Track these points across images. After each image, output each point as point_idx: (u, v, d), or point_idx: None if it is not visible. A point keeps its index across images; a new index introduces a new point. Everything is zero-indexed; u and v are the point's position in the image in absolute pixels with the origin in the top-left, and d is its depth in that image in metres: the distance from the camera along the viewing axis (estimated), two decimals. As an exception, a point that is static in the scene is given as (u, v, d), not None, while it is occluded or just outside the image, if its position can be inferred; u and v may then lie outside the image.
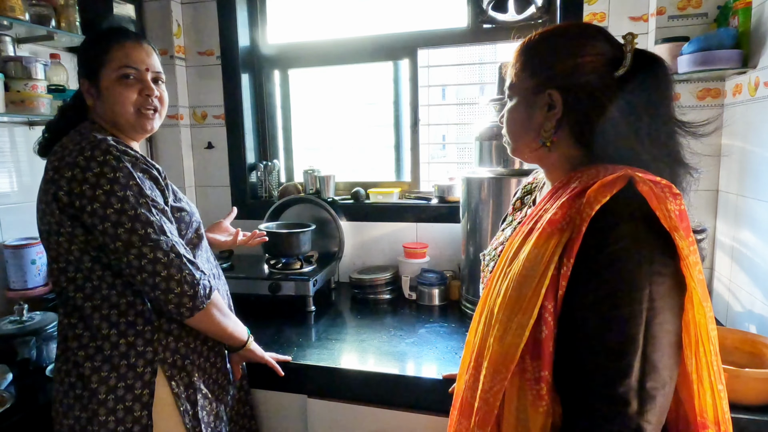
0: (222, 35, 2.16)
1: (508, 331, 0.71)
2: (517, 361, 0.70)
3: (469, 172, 1.69)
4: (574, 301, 0.69)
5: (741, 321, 1.45)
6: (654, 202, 0.66)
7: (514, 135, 0.85)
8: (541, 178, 0.98)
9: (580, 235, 0.67)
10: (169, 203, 1.07)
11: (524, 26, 1.92)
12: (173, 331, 1.10)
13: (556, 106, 0.77)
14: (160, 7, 2.12)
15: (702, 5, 1.56)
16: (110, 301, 1.04)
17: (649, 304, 0.65)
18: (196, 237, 1.15)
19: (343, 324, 1.71)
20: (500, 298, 0.75)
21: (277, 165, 2.30)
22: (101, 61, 1.07)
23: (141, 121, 1.11)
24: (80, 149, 0.99)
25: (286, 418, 1.43)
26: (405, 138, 2.19)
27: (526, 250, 0.74)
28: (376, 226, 2.11)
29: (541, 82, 0.78)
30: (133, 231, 0.97)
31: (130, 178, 0.99)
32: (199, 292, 1.02)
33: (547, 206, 0.76)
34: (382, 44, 2.12)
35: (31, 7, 1.55)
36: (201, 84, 2.23)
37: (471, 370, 0.80)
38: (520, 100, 0.82)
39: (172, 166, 2.24)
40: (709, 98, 1.61)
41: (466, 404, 0.81)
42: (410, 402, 1.29)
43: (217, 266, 1.27)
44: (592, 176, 0.72)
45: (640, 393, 0.65)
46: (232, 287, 1.78)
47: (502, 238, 0.95)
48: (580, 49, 0.76)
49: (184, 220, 1.10)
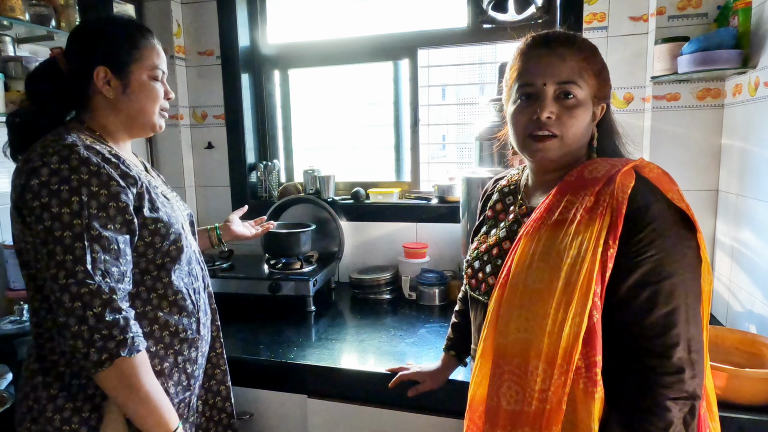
0: (222, 35, 2.16)
1: (563, 322, 0.72)
2: (580, 349, 0.72)
3: (469, 172, 1.69)
4: (620, 280, 0.74)
5: (741, 321, 1.45)
6: (666, 185, 0.76)
7: (577, 138, 0.84)
8: (516, 179, 0.99)
9: (621, 216, 0.73)
10: (144, 214, 0.99)
11: (524, 26, 1.92)
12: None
13: (597, 117, 0.86)
14: (160, 7, 2.12)
15: (702, 5, 1.56)
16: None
17: (684, 275, 0.73)
18: (175, 249, 1.05)
19: (343, 324, 1.71)
20: (540, 292, 0.75)
21: (277, 165, 2.30)
22: (134, 55, 1.03)
23: (160, 121, 1.11)
24: (42, 153, 0.91)
25: (286, 418, 1.43)
26: (405, 138, 2.19)
27: (566, 241, 0.76)
28: (376, 226, 2.11)
29: (605, 95, 0.86)
30: (51, 256, 0.88)
31: (73, 193, 0.89)
32: (107, 346, 0.87)
33: (568, 197, 0.80)
34: (382, 44, 2.12)
35: (31, 7, 1.55)
36: (201, 84, 2.23)
37: (507, 375, 0.77)
38: (587, 107, 0.84)
39: (172, 166, 2.24)
40: (709, 98, 1.61)
41: (501, 412, 0.78)
42: (410, 402, 1.28)
43: (204, 276, 1.19)
44: (609, 168, 0.79)
45: (690, 358, 0.71)
46: (233, 287, 1.80)
47: (494, 240, 0.94)
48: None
49: (160, 233, 1.02)
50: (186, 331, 1.08)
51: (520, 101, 0.85)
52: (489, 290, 0.89)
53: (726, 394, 1.08)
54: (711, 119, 1.61)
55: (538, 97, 0.82)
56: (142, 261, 1.01)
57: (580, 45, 0.83)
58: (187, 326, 1.08)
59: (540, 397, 0.73)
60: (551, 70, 0.81)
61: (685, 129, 1.63)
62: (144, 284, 1.02)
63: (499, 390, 0.78)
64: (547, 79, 0.81)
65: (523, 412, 0.75)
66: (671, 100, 1.63)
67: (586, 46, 0.84)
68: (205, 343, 1.15)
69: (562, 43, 0.82)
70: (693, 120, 1.62)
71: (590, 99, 0.83)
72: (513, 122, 0.87)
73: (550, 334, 0.73)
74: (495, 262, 0.91)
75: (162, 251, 1.03)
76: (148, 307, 1.02)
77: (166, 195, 1.11)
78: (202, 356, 1.15)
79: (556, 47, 0.82)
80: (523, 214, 0.92)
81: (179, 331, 1.06)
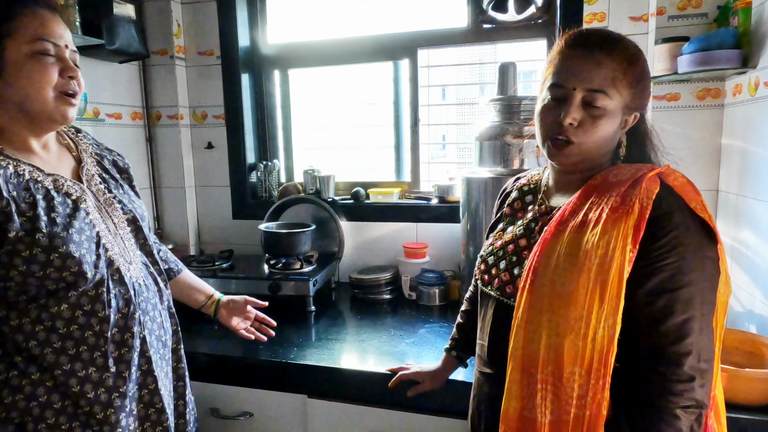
0: (222, 35, 2.16)
1: (597, 325, 0.72)
2: (614, 353, 0.72)
3: (469, 172, 1.69)
4: (636, 285, 0.73)
5: (741, 321, 1.45)
6: (690, 194, 0.76)
7: (597, 146, 0.83)
8: (537, 179, 0.99)
9: (644, 220, 0.73)
10: (11, 237, 0.83)
11: (524, 26, 1.92)
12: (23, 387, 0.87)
13: (627, 125, 0.85)
14: (160, 7, 2.12)
15: (702, 5, 1.56)
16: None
17: (702, 285, 0.73)
18: (71, 275, 0.88)
19: (343, 324, 1.71)
20: (568, 295, 0.74)
21: (277, 165, 2.30)
22: (5, 29, 0.85)
23: (61, 108, 0.90)
24: None
25: (285, 418, 1.43)
26: (405, 138, 2.19)
27: (592, 241, 0.75)
28: (376, 226, 2.11)
29: (639, 105, 0.84)
30: None
31: None
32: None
33: (593, 199, 0.80)
34: (382, 44, 2.12)
35: (31, 7, 1.55)
36: (201, 84, 2.23)
37: (540, 384, 0.76)
38: (615, 117, 0.82)
39: (172, 166, 2.24)
40: (709, 98, 1.60)
41: (538, 426, 0.76)
42: (410, 402, 1.28)
43: (133, 298, 0.98)
44: (634, 172, 0.79)
45: (700, 367, 0.71)
46: (233, 287, 1.80)
47: (510, 237, 0.94)
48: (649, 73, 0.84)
49: (37, 260, 0.85)
50: (85, 369, 0.91)
51: (548, 100, 0.84)
52: (502, 286, 0.90)
53: (726, 394, 1.08)
54: (711, 119, 1.61)
55: (566, 100, 0.80)
56: (31, 288, 0.87)
57: (622, 51, 0.79)
58: (88, 363, 0.91)
59: (578, 404, 0.72)
60: (583, 75, 0.79)
61: (685, 129, 1.63)
62: (28, 315, 0.88)
63: (534, 400, 0.76)
64: (577, 84, 0.79)
65: (562, 421, 0.73)
66: (671, 100, 1.63)
67: (628, 53, 0.80)
68: (122, 381, 0.95)
69: (601, 47, 0.79)
70: (693, 120, 1.62)
71: (621, 109, 0.81)
72: (539, 120, 0.86)
73: (585, 337, 0.72)
74: (510, 259, 0.91)
75: (49, 278, 0.87)
76: (32, 342, 0.88)
77: (80, 204, 0.94)
78: (120, 397, 0.95)
79: (595, 50, 0.79)
80: (542, 213, 0.92)
81: (75, 371, 0.90)
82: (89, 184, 1.01)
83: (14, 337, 0.88)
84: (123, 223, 1.05)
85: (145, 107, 2.20)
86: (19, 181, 0.87)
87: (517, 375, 0.79)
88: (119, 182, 1.11)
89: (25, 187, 0.87)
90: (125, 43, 1.90)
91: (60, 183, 0.94)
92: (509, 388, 0.80)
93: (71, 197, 0.94)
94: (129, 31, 1.93)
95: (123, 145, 2.08)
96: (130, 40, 1.93)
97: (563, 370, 0.73)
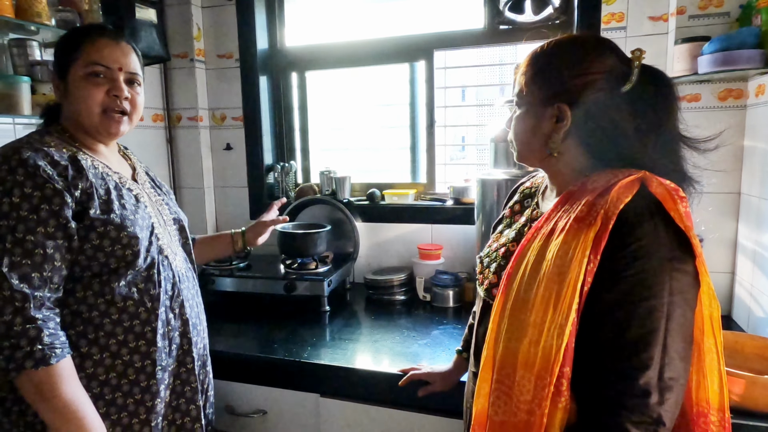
0: (240, 38, 2.20)
1: (548, 332, 0.71)
2: (561, 362, 0.70)
3: (484, 174, 1.69)
4: (597, 296, 0.71)
5: (763, 327, 1.41)
6: (669, 203, 0.71)
7: (522, 143, 0.88)
8: (540, 183, 0.99)
9: (607, 231, 0.70)
10: (90, 215, 0.96)
11: (541, 27, 1.91)
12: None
13: (564, 118, 0.80)
14: (181, 11, 2.17)
15: (724, 4, 1.53)
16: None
17: (669, 299, 0.69)
18: (131, 255, 1.01)
19: (357, 324, 1.72)
20: (528, 302, 0.74)
21: (294, 166, 2.32)
22: (73, 56, 1.01)
23: (105, 123, 1.04)
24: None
25: (298, 417, 1.44)
26: (421, 139, 2.20)
27: (553, 250, 0.74)
28: (391, 228, 2.11)
29: (551, 95, 0.81)
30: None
31: (4, 195, 0.89)
32: (15, 355, 0.86)
33: (566, 207, 0.78)
34: (398, 46, 2.13)
35: (57, 13, 1.60)
36: (220, 86, 2.27)
37: (494, 384, 0.77)
38: (529, 110, 0.85)
39: (191, 167, 2.29)
40: (730, 99, 1.57)
41: (490, 423, 0.77)
42: (422, 403, 1.29)
43: (177, 285, 1.12)
44: (609, 179, 0.75)
45: (660, 384, 0.68)
46: (249, 287, 1.83)
47: (504, 240, 0.95)
48: (590, 65, 0.79)
49: (109, 236, 0.98)
50: (136, 341, 1.03)
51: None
52: (489, 288, 0.91)
53: (744, 402, 1.06)
54: (733, 120, 1.58)
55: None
56: (94, 264, 0.98)
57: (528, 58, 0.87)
58: (139, 335, 1.03)
59: (527, 408, 0.72)
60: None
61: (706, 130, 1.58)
62: (92, 288, 0.99)
63: (494, 400, 0.77)
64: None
65: (510, 423, 0.74)
66: (691, 101, 1.60)
67: (529, 56, 0.87)
68: (165, 355, 1.07)
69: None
70: (714, 121, 1.59)
71: (531, 100, 0.85)
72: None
73: (536, 343, 0.72)
74: (499, 262, 0.92)
75: (115, 255, 0.99)
76: (95, 313, 0.99)
77: (140, 198, 1.09)
78: (162, 370, 1.07)
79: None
80: (533, 217, 0.92)
81: (127, 341, 1.02)
82: (143, 186, 1.16)
83: (78, 308, 0.99)
84: (170, 221, 1.20)
85: (166, 109, 2.25)
86: (95, 172, 1.02)
87: (485, 374, 0.80)
88: (164, 191, 1.26)
89: (101, 177, 1.02)
90: (147, 47, 1.95)
91: (123, 180, 1.09)
92: (479, 386, 0.81)
93: (132, 192, 1.09)
94: (151, 35, 1.98)
95: (144, 146, 2.13)
96: (151, 43, 1.98)
97: (516, 373, 0.74)
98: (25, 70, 1.55)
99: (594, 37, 0.84)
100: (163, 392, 1.08)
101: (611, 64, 0.79)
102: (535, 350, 0.72)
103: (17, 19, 1.44)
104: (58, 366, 0.90)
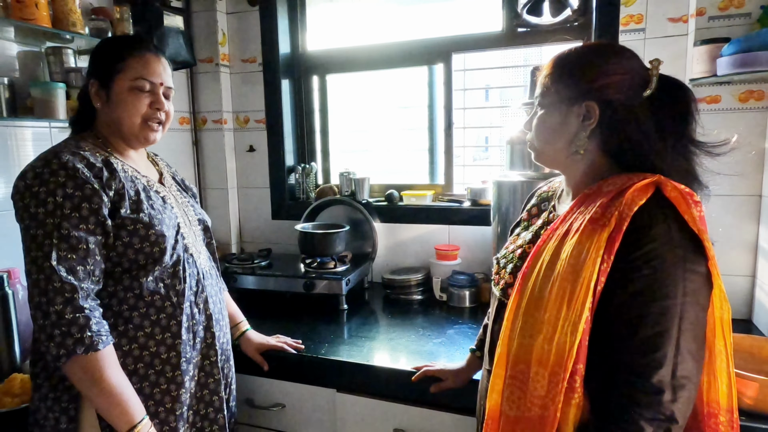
0: (264, 43, 2.26)
1: (562, 329, 0.73)
2: (574, 358, 0.72)
3: (500, 176, 1.70)
4: (611, 295, 0.73)
5: (783, 331, 1.40)
6: (683, 207, 0.73)
7: (545, 142, 0.89)
8: (557, 187, 1.00)
9: (621, 233, 0.72)
10: (121, 214, 1.03)
11: (559, 30, 1.91)
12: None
13: (592, 117, 0.82)
14: (206, 17, 2.24)
15: (745, 5, 1.51)
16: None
17: (682, 299, 0.71)
18: (158, 251, 1.07)
19: (374, 323, 1.76)
20: (543, 300, 0.77)
21: (315, 167, 2.37)
22: (118, 67, 1.09)
23: (145, 132, 1.12)
24: (35, 158, 1.02)
25: (315, 411, 1.49)
26: (439, 141, 2.22)
27: (567, 250, 0.77)
28: (409, 228, 2.14)
29: (579, 93, 0.83)
30: (27, 252, 0.97)
31: (49, 195, 0.96)
32: (65, 342, 0.93)
33: (581, 209, 0.80)
34: (417, 49, 2.16)
35: (90, 22, 1.68)
36: (244, 90, 2.33)
37: (508, 380, 0.80)
38: (554, 109, 0.86)
39: (215, 168, 2.36)
40: (752, 100, 1.55)
41: (504, 418, 0.79)
42: (434, 400, 1.31)
43: (201, 281, 1.18)
44: (625, 182, 0.78)
45: (673, 382, 0.70)
46: (270, 285, 1.88)
47: (521, 242, 0.98)
48: (617, 65, 0.82)
49: (138, 233, 1.04)
50: (163, 334, 1.09)
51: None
52: (505, 288, 0.93)
53: (757, 405, 1.05)
54: (754, 122, 1.56)
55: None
56: (124, 260, 1.05)
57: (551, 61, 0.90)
58: (165, 329, 1.09)
59: (541, 404, 0.74)
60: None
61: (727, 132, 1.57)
62: (122, 283, 1.06)
63: (508, 395, 0.79)
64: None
65: (525, 418, 0.76)
66: (711, 103, 1.59)
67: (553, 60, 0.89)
68: (189, 348, 1.13)
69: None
70: (735, 123, 1.57)
71: (558, 99, 0.87)
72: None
73: (550, 340, 0.74)
74: (516, 263, 0.94)
75: (143, 252, 1.06)
76: (124, 306, 1.06)
77: (167, 200, 1.16)
78: (186, 362, 1.13)
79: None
80: (550, 220, 0.94)
81: (154, 334, 1.08)
82: (170, 189, 1.23)
83: (109, 301, 1.05)
84: (195, 222, 1.27)
85: (192, 112, 2.33)
86: (126, 174, 1.09)
87: (499, 371, 0.82)
88: (189, 194, 1.33)
89: (131, 179, 1.10)
90: (174, 53, 2.03)
91: (151, 182, 1.17)
92: (493, 382, 0.83)
93: (159, 194, 1.16)
94: (178, 41, 2.06)
95: (171, 148, 2.21)
96: (178, 49, 2.06)
97: (530, 369, 0.76)
98: (61, 76, 1.63)
99: (617, 44, 0.88)
100: (188, 383, 1.13)
101: (636, 66, 0.82)
102: (549, 347, 0.74)
103: (54, 29, 1.52)
104: (104, 351, 0.97)
